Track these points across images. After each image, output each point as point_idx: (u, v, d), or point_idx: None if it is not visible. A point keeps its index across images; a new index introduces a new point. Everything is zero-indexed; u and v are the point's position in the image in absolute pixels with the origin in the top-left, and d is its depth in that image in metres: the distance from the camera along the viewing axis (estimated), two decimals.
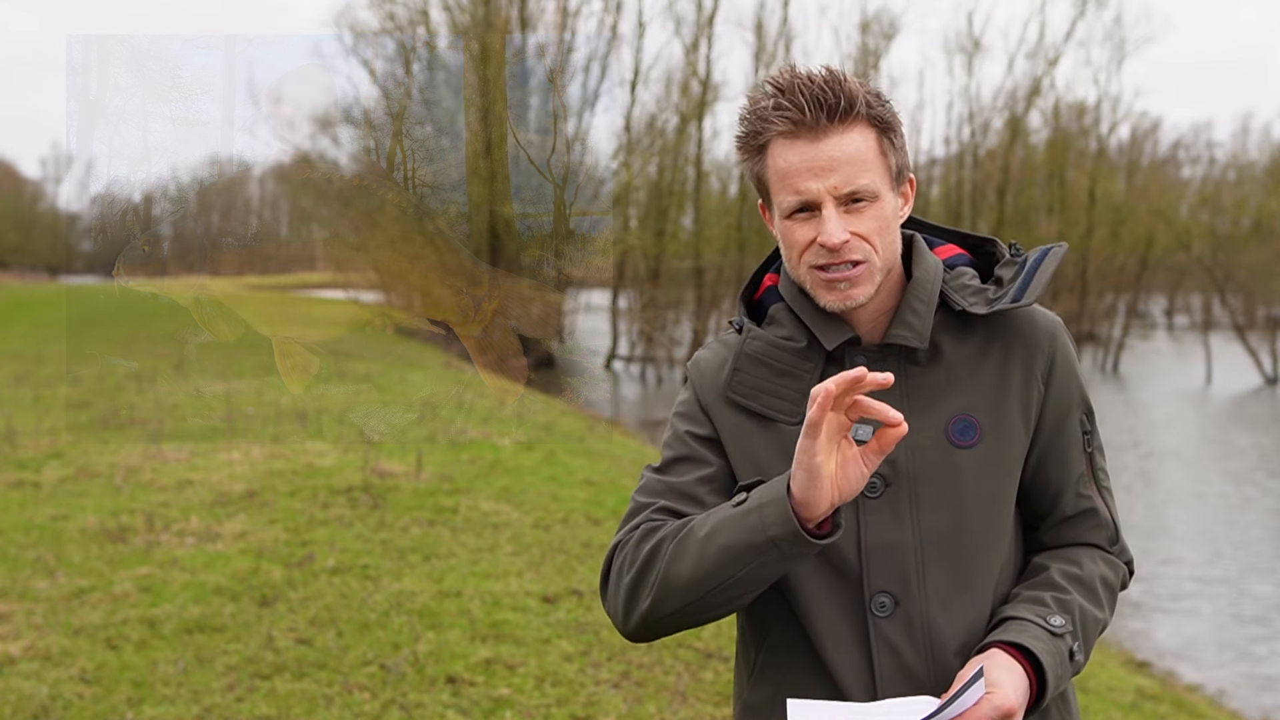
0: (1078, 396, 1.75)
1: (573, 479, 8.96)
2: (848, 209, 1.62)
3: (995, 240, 1.82)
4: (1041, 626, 1.62)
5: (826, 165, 1.60)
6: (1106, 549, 1.78)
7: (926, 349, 1.69)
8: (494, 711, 4.51)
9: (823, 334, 1.69)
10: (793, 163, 1.62)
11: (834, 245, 1.61)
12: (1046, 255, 1.72)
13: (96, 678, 4.73)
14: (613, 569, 1.71)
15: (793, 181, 1.62)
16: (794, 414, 1.69)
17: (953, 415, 1.69)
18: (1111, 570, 1.77)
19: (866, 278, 1.64)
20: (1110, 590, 1.75)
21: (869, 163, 1.62)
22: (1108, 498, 1.80)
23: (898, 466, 1.68)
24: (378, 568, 6.26)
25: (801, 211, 1.64)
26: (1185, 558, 11.67)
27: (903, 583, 1.66)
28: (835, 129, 1.61)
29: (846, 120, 1.61)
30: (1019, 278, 1.72)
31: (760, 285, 1.83)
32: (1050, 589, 1.68)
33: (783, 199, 1.65)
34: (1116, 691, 6.21)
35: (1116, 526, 1.80)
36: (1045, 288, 1.69)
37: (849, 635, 1.67)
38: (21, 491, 8.16)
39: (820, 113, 1.60)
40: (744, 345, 1.75)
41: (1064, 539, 1.77)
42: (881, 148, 1.64)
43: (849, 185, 1.61)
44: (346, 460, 9.10)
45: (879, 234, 1.64)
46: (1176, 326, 52.25)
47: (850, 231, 1.61)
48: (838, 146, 1.61)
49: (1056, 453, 1.74)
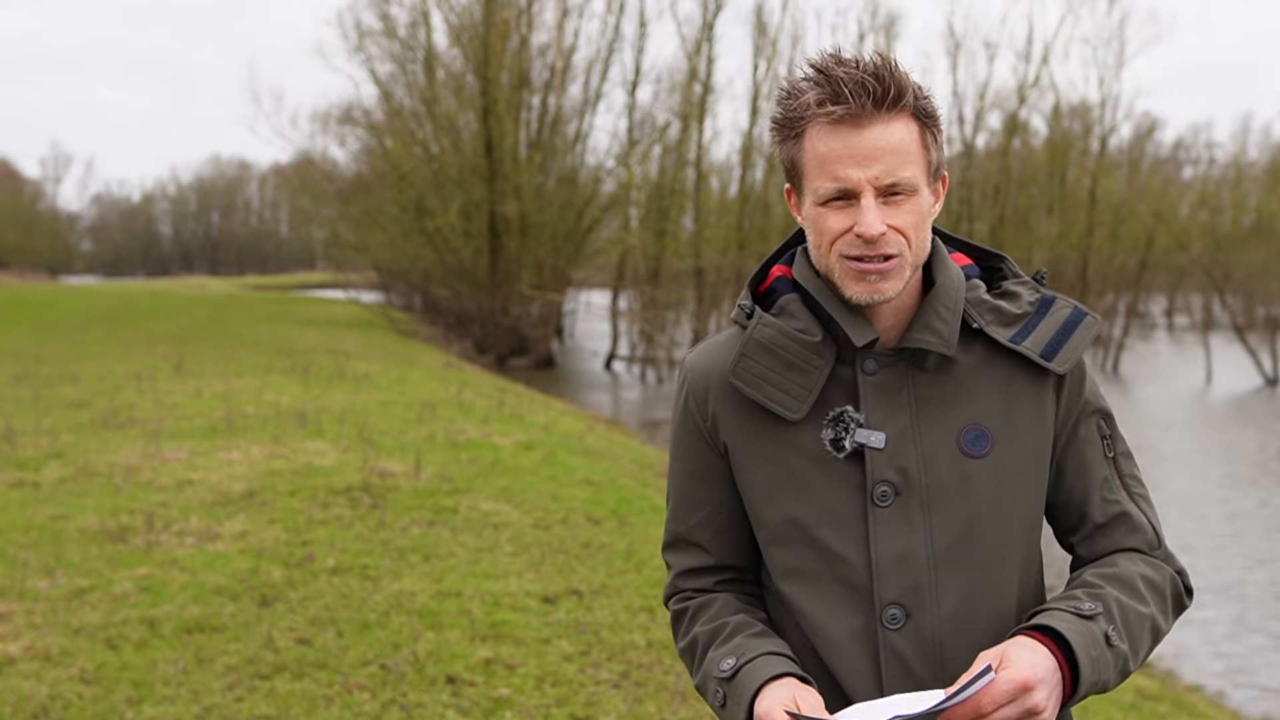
0: (1092, 401, 1.71)
1: (573, 479, 8.95)
2: (885, 201, 1.57)
3: (1005, 257, 1.78)
4: (1070, 612, 1.56)
5: (869, 154, 1.55)
6: (1146, 553, 1.70)
7: (936, 356, 1.66)
8: (494, 711, 4.50)
9: (851, 330, 1.64)
10: (834, 148, 1.56)
11: (872, 237, 1.56)
12: (1082, 321, 1.67)
13: (96, 678, 4.73)
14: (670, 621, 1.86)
15: (832, 168, 1.57)
16: (795, 409, 1.65)
17: (964, 425, 1.65)
18: (1155, 571, 1.68)
19: (897, 273, 1.60)
20: (1155, 589, 1.66)
21: (912, 155, 1.57)
22: (1142, 504, 1.72)
23: (909, 475, 1.64)
24: (378, 568, 6.26)
25: (838, 199, 1.59)
26: (1186, 558, 11.65)
27: (915, 594, 1.62)
28: (881, 117, 1.55)
29: (893, 110, 1.56)
30: (1042, 315, 1.68)
31: (768, 276, 1.78)
32: (1082, 587, 1.63)
33: (819, 184, 1.59)
34: (1117, 691, 6.22)
35: (1157, 532, 1.72)
36: (1078, 358, 1.66)
37: (857, 647, 1.64)
38: (21, 491, 8.15)
39: (867, 99, 1.54)
40: (755, 331, 1.68)
41: (1099, 549, 1.70)
42: (924, 141, 1.60)
43: (890, 176, 1.56)
44: (346, 460, 9.10)
45: (914, 229, 1.59)
46: (1176, 327, 52.24)
47: (887, 224, 1.57)
48: (882, 136, 1.55)
49: (1074, 459, 1.70)
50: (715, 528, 1.77)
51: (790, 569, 1.68)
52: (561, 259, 32.22)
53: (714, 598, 1.77)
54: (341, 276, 41.01)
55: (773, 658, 1.62)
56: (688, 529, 1.79)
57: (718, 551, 1.78)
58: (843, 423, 1.65)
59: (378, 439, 10.13)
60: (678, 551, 1.82)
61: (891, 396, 1.66)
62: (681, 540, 1.81)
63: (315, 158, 37.52)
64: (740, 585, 1.80)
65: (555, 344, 36.14)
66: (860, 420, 1.65)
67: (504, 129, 30.66)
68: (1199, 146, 48.41)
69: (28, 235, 76.21)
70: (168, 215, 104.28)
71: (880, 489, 1.63)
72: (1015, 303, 1.70)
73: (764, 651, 1.64)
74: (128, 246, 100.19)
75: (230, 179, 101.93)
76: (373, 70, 33.97)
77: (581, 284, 38.09)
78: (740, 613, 1.74)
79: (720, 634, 1.71)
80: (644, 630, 5.46)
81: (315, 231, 51.54)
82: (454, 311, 33.59)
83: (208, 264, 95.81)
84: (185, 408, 12.31)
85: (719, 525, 1.77)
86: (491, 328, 31.32)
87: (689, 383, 1.77)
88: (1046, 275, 1.76)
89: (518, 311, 31.29)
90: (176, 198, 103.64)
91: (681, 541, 1.81)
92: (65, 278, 75.99)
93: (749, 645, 1.65)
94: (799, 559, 1.67)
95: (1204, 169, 47.66)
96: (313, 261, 76.50)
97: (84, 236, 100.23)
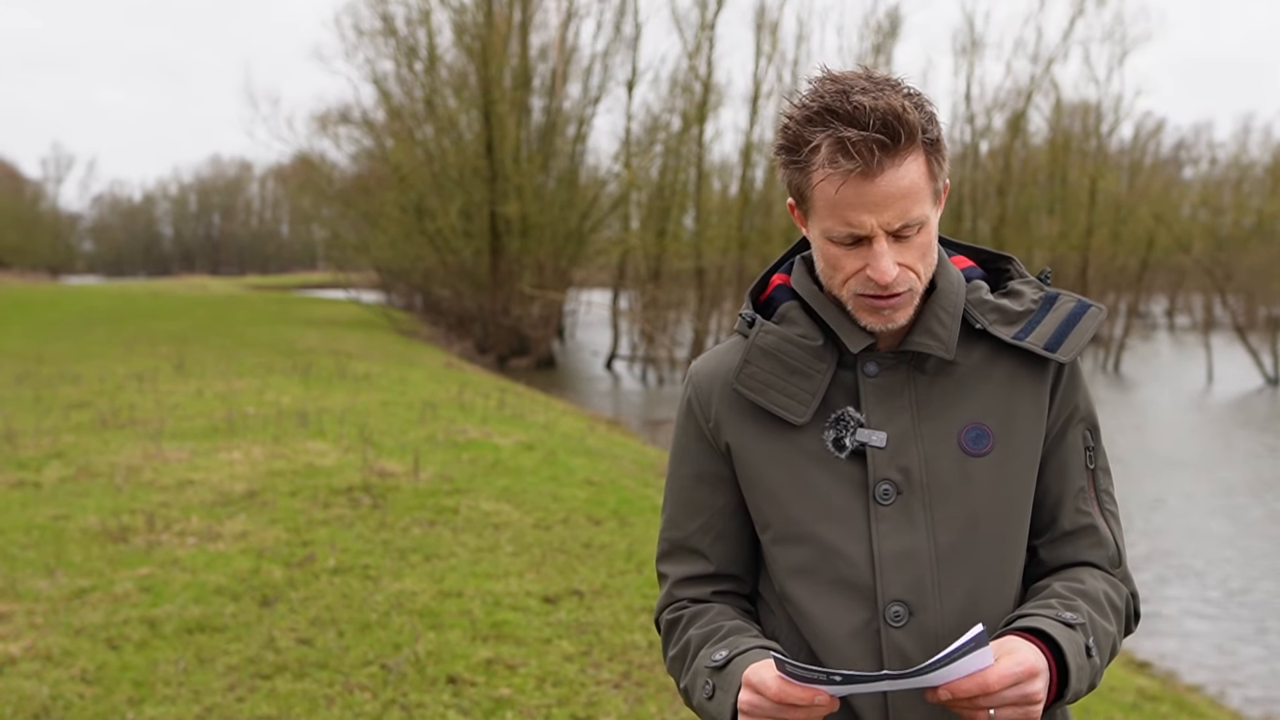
0: (1083, 409, 1.73)
1: (573, 479, 8.95)
2: (897, 237, 1.58)
3: (1012, 258, 1.79)
4: (1056, 619, 1.58)
5: (881, 201, 1.55)
6: (1107, 570, 1.72)
7: (937, 359, 1.67)
8: (494, 712, 4.50)
9: (846, 337, 1.66)
10: (846, 196, 1.55)
11: (886, 283, 1.58)
12: (1086, 312, 1.68)
13: (97, 678, 4.73)
14: (660, 636, 1.85)
15: (844, 213, 1.56)
16: (800, 413, 1.66)
17: (965, 424, 1.66)
18: (1115, 591, 1.70)
19: (909, 302, 1.62)
20: (1116, 610, 1.69)
21: (921, 192, 1.57)
22: (1110, 520, 1.74)
23: (910, 474, 1.65)
24: (378, 568, 6.26)
25: (849, 242, 1.59)
26: (1186, 558, 11.67)
27: (918, 591, 1.63)
28: (891, 164, 1.54)
29: (902, 154, 1.55)
30: (1046, 312, 1.69)
31: (768, 285, 1.80)
32: (1055, 597, 1.64)
33: (830, 226, 1.59)
34: (1117, 692, 6.21)
35: (1120, 550, 1.74)
36: (1083, 348, 1.67)
37: (859, 646, 1.64)
38: (22, 491, 8.16)
39: (878, 152, 1.52)
40: (757, 338, 1.70)
41: (1063, 558, 1.72)
42: (931, 171, 1.59)
43: (902, 219, 1.56)
44: (347, 460, 9.10)
45: (923, 259, 1.61)
46: (1177, 327, 52.22)
47: (899, 264, 1.58)
48: (893, 183, 1.54)
49: (1056, 462, 1.71)
50: (716, 533, 1.77)
51: (793, 567, 1.69)
52: (562, 259, 32.23)
53: (709, 606, 1.76)
54: (342, 277, 41.00)
55: (767, 652, 1.62)
56: (687, 535, 1.78)
57: (717, 558, 1.77)
58: (844, 423, 1.67)
59: (378, 439, 10.13)
60: (675, 560, 1.80)
61: (893, 398, 1.67)
62: (680, 548, 1.80)
63: (314, 160, 37.51)
64: (736, 599, 1.79)
65: (556, 344, 36.15)
66: (861, 420, 1.66)
67: (505, 129, 30.66)
68: (1200, 146, 48.44)
69: (29, 236, 76.26)
70: (169, 215, 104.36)
71: (882, 487, 1.64)
72: (1019, 301, 1.71)
73: (759, 645, 1.65)
74: (129, 247, 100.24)
75: (231, 179, 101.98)
76: (372, 71, 34.02)
77: (582, 284, 38.11)
78: (736, 619, 1.74)
79: (715, 635, 1.71)
80: (645, 630, 5.46)
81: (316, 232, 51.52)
82: (455, 312, 33.59)
83: (209, 264, 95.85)
84: (186, 408, 12.31)
85: (719, 530, 1.77)
86: (492, 328, 31.33)
87: (694, 386, 1.78)
88: (1051, 274, 1.77)
89: (518, 312, 31.30)
90: (177, 198, 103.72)
91: (680, 549, 1.80)
92: (66, 278, 76.01)
93: (744, 642, 1.66)
94: (801, 557, 1.68)
95: (1205, 169, 47.69)
96: (314, 262, 76.50)
97: (85, 237, 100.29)
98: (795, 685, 1.48)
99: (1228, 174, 46.81)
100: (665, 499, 1.83)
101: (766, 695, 1.50)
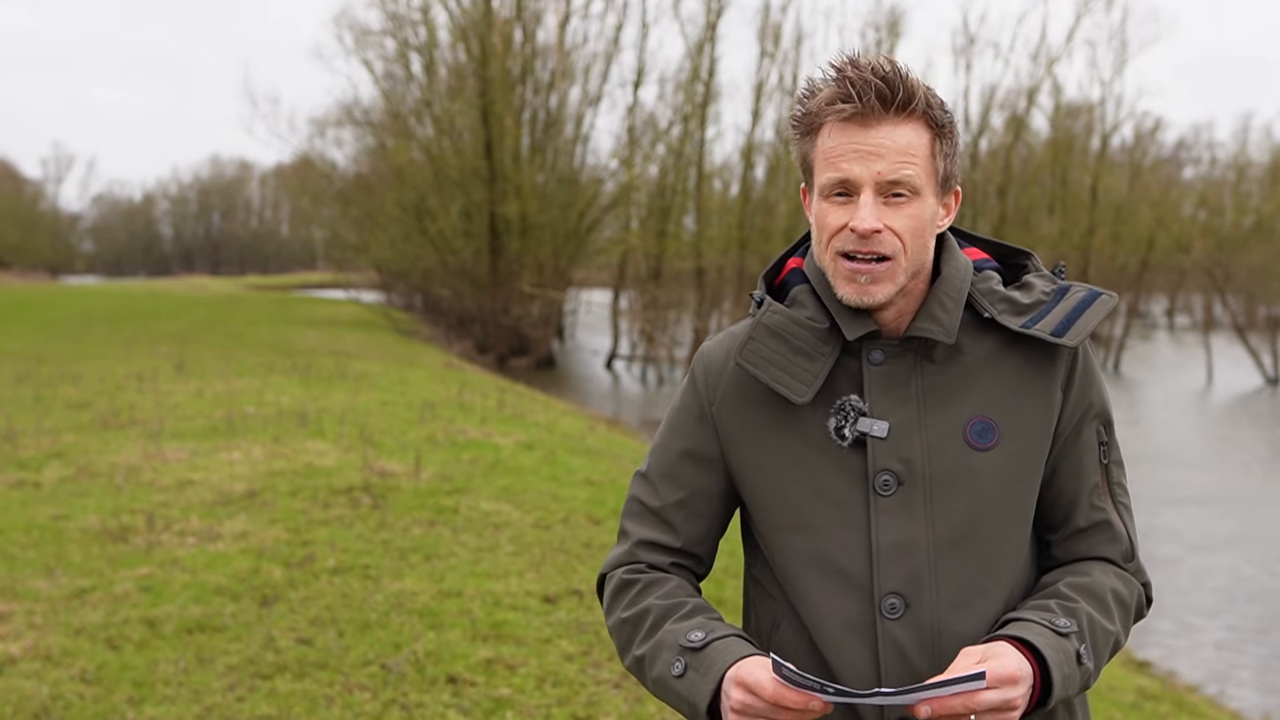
0: (1097, 405, 1.72)
1: (573, 479, 8.95)
2: (887, 200, 1.59)
3: (1031, 254, 1.79)
4: (1046, 626, 1.58)
5: (873, 150, 1.58)
6: (1120, 565, 1.73)
7: (944, 346, 1.67)
8: (495, 711, 4.50)
9: (845, 323, 1.66)
10: (840, 143, 1.60)
11: (865, 231, 1.58)
12: (1096, 299, 1.69)
13: (97, 678, 4.73)
14: (604, 596, 1.81)
15: (836, 160, 1.60)
16: (801, 393, 1.66)
17: (971, 417, 1.66)
18: (1125, 586, 1.71)
19: (889, 276, 1.61)
20: (1123, 605, 1.69)
21: (917, 157, 1.59)
22: (1124, 514, 1.74)
23: (912, 466, 1.64)
24: (378, 568, 6.26)
25: (840, 195, 1.61)
26: (1186, 558, 11.67)
27: (915, 584, 1.63)
28: (890, 119, 1.58)
29: (903, 113, 1.59)
30: (1057, 303, 1.68)
31: (783, 268, 1.81)
32: (1056, 598, 1.65)
33: (822, 176, 1.62)
34: (1117, 691, 6.21)
35: (1133, 544, 1.74)
36: (1091, 331, 1.67)
37: (855, 636, 1.64)
38: (22, 491, 8.16)
39: (876, 99, 1.57)
40: (764, 317, 1.71)
41: (1076, 553, 1.72)
42: (933, 149, 1.62)
43: (892, 174, 1.58)
44: (347, 460, 9.10)
45: (912, 234, 1.61)
46: (1177, 327, 52.23)
47: (883, 224, 1.59)
48: (889, 135, 1.58)
49: (1071, 461, 1.71)
50: (690, 511, 1.77)
51: (793, 556, 1.69)
52: (562, 259, 32.22)
53: (668, 577, 1.77)
54: (342, 277, 40.98)
55: (744, 642, 1.64)
56: (662, 505, 1.78)
57: (685, 535, 1.78)
58: (845, 411, 1.67)
59: (378, 439, 10.13)
60: (644, 522, 1.80)
61: (898, 387, 1.67)
62: (652, 514, 1.79)
63: (314, 159, 37.49)
64: (693, 576, 1.81)
65: (556, 344, 36.14)
66: (863, 409, 1.66)
67: (504, 129, 30.65)
68: (1200, 146, 48.44)
69: (29, 235, 76.19)
70: (168, 215, 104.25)
71: (882, 478, 1.64)
72: (1030, 293, 1.71)
73: (736, 633, 1.65)
74: (129, 247, 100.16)
75: (231, 179, 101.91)
76: (372, 71, 34.00)
77: (582, 284, 38.10)
78: (698, 597, 1.75)
79: (680, 609, 1.70)
80: None
81: (316, 232, 51.48)
82: (455, 311, 33.58)
83: (209, 264, 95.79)
84: (186, 408, 12.31)
85: (695, 510, 1.78)
86: (492, 328, 31.32)
87: (703, 366, 1.80)
88: (1065, 268, 1.77)
89: (518, 311, 31.28)
90: (177, 198, 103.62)
91: (651, 514, 1.79)
92: (66, 278, 76.00)
93: (717, 625, 1.67)
94: (801, 546, 1.68)
95: (1205, 169, 47.68)
96: (313, 262, 76.44)
97: (85, 237, 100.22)
98: (790, 689, 1.49)
99: (1227, 174, 46.81)
100: (648, 465, 1.82)
101: (762, 696, 1.51)
